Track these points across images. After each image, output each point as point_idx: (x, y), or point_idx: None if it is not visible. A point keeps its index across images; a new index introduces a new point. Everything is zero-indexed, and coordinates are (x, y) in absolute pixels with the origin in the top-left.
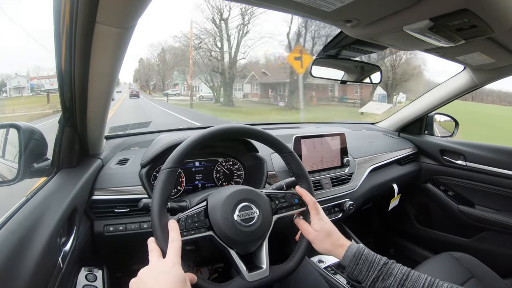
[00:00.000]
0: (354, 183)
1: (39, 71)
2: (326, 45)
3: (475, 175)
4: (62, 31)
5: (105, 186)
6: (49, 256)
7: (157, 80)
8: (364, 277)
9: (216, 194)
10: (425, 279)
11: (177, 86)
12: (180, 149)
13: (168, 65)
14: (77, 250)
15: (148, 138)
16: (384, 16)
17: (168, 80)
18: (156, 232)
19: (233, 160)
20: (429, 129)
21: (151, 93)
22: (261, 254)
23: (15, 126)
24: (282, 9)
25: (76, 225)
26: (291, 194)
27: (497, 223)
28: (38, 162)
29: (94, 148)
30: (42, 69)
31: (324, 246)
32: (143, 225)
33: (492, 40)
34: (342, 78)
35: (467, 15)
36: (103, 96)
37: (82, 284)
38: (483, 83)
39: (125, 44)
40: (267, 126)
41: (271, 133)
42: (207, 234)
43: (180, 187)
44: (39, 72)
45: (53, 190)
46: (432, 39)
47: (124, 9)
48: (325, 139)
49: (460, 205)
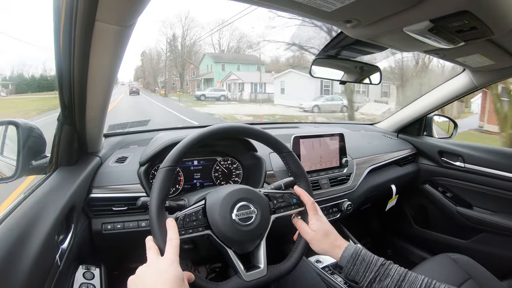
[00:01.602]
0: (353, 183)
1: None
2: (326, 45)
3: (473, 176)
4: (62, 28)
5: (104, 184)
6: (47, 254)
7: (169, 75)
8: (361, 278)
9: (214, 193)
10: (422, 281)
11: (220, 83)
12: (179, 148)
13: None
14: (75, 248)
15: (146, 137)
16: (384, 16)
17: (188, 73)
18: (154, 230)
19: (232, 159)
20: (428, 130)
21: (165, 94)
22: (259, 254)
23: (14, 123)
24: (283, 9)
25: (74, 223)
26: (290, 194)
27: (495, 225)
28: (36, 160)
29: (93, 146)
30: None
31: (321, 247)
32: (141, 224)
33: (492, 42)
34: (342, 79)
35: (467, 17)
36: (102, 94)
37: (79, 282)
38: (482, 84)
39: (125, 42)
40: (266, 126)
41: (270, 133)
42: (205, 233)
43: (179, 186)
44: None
45: (52, 187)
46: (432, 41)
47: (124, 7)
48: (324, 139)
49: (458, 207)
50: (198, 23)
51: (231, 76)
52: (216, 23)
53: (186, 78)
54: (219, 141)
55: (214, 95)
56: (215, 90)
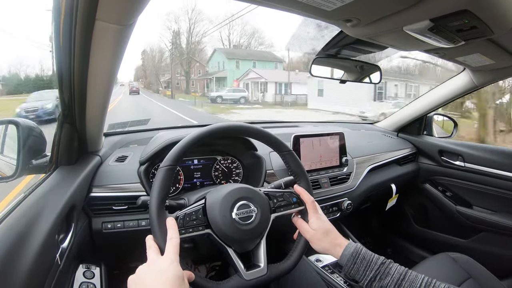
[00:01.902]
0: (353, 182)
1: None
2: (326, 45)
3: (473, 176)
4: (62, 27)
5: (104, 183)
6: (47, 253)
7: (172, 74)
8: (361, 277)
9: (214, 192)
10: (422, 279)
11: (237, 82)
12: (179, 147)
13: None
14: (75, 247)
15: (147, 136)
16: (384, 16)
17: (193, 72)
18: (154, 229)
19: (232, 159)
20: (428, 129)
21: (172, 94)
22: (259, 253)
23: (14, 123)
24: (283, 8)
25: (74, 222)
26: (290, 193)
27: (495, 224)
28: (36, 159)
29: (93, 145)
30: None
31: (322, 245)
32: (141, 223)
33: (492, 41)
34: (342, 78)
35: (467, 16)
36: (102, 93)
37: (79, 281)
38: (483, 84)
39: (125, 42)
40: (266, 125)
41: (270, 132)
42: (205, 232)
43: (179, 185)
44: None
45: (52, 186)
46: (432, 40)
47: (124, 6)
48: (324, 139)
49: (458, 206)
50: (206, 16)
51: (250, 74)
52: (225, 17)
53: (192, 77)
54: (219, 140)
55: (233, 96)
56: (233, 91)
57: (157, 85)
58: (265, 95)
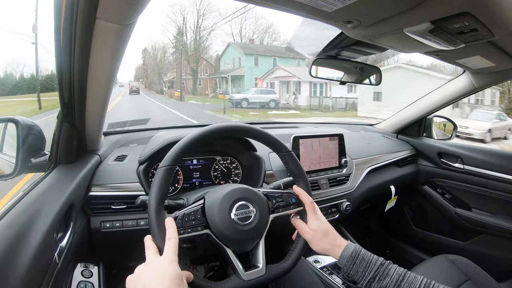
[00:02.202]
0: (352, 184)
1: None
2: (326, 46)
3: (472, 178)
4: (62, 26)
5: (103, 182)
6: (45, 251)
7: (177, 74)
8: (360, 277)
9: (213, 192)
10: (421, 281)
11: (261, 81)
12: (178, 147)
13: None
14: (74, 246)
15: (146, 135)
16: (385, 17)
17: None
18: (153, 229)
19: (231, 159)
20: (428, 131)
21: (181, 96)
22: (258, 253)
23: (13, 121)
24: (283, 9)
25: (73, 221)
26: (289, 194)
27: (493, 227)
28: (36, 157)
29: (92, 144)
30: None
31: (321, 246)
32: (140, 222)
33: (493, 44)
34: (342, 79)
35: (468, 19)
36: (102, 92)
37: (77, 280)
38: (483, 86)
39: (125, 41)
40: (265, 126)
41: (270, 133)
42: (204, 232)
43: (178, 185)
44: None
45: (51, 185)
46: (433, 42)
47: (125, 6)
48: (323, 140)
49: (457, 208)
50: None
51: (277, 71)
52: (236, 9)
53: (200, 77)
54: (219, 141)
55: (261, 99)
56: (261, 92)
57: (160, 85)
58: (297, 97)
